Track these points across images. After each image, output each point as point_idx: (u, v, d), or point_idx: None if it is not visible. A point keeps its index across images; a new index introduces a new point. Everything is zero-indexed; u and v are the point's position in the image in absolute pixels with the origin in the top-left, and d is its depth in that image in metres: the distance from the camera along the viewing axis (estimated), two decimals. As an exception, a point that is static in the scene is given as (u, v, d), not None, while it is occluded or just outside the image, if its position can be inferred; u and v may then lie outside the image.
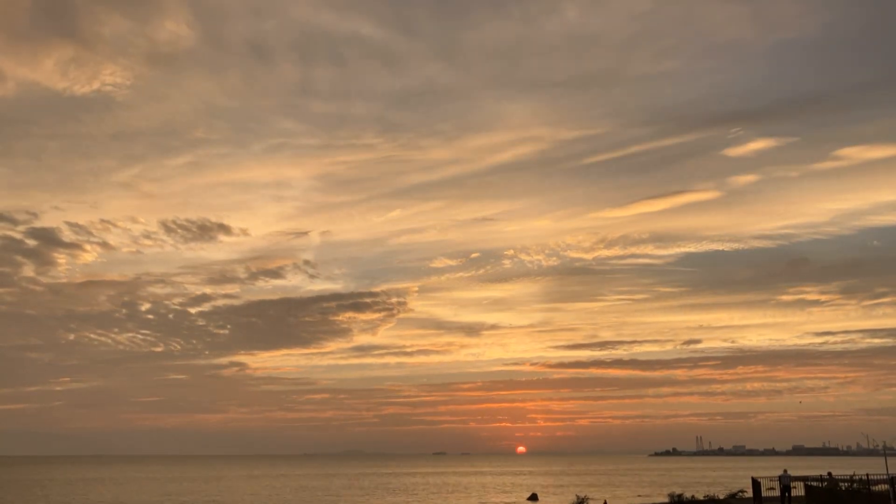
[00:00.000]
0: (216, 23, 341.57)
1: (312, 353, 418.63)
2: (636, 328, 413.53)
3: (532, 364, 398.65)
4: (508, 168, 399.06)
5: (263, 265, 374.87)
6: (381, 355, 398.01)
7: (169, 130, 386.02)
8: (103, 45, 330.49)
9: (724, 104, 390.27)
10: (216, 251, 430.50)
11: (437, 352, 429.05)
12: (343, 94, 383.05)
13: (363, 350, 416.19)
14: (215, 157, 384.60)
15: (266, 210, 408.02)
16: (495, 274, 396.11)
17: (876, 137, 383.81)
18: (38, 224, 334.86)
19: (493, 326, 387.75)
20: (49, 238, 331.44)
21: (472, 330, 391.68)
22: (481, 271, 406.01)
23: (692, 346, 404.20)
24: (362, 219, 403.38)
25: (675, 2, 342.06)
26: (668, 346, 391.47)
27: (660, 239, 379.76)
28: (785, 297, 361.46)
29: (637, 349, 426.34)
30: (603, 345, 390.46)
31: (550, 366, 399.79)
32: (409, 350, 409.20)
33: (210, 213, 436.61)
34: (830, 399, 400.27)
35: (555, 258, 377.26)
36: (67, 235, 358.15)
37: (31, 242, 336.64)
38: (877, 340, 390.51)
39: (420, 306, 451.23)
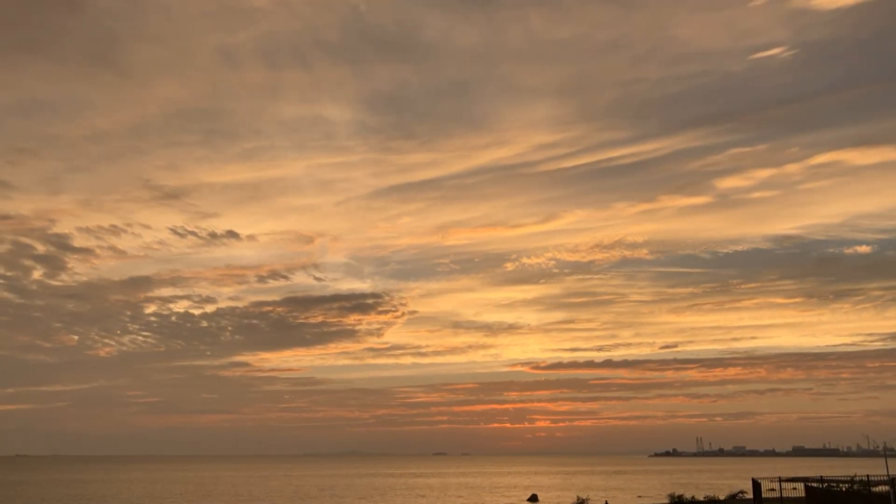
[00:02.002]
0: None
1: (318, 355, 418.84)
2: (636, 330, 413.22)
3: (529, 366, 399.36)
4: (491, 170, 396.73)
5: (267, 268, 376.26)
6: (383, 356, 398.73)
7: (145, 133, 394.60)
8: (138, 71, 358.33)
9: (709, 108, 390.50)
10: (220, 254, 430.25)
11: (438, 353, 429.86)
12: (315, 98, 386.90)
13: (366, 351, 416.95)
14: (192, 160, 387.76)
15: (277, 214, 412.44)
16: (496, 277, 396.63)
17: (860, 141, 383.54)
18: (54, 230, 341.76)
19: (494, 329, 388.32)
20: (62, 244, 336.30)
21: (471, 332, 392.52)
22: (482, 274, 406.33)
23: (691, 348, 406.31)
24: (361, 220, 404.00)
25: (640, 10, 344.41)
26: (668, 349, 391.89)
27: (657, 242, 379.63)
28: (782, 300, 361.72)
29: (636, 351, 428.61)
30: (602, 347, 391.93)
31: (551, 367, 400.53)
32: (408, 351, 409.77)
33: (220, 218, 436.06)
34: (830, 400, 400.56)
35: (554, 262, 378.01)
36: (79, 240, 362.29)
37: (43, 248, 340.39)
38: (874, 343, 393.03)
39: (421, 309, 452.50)
